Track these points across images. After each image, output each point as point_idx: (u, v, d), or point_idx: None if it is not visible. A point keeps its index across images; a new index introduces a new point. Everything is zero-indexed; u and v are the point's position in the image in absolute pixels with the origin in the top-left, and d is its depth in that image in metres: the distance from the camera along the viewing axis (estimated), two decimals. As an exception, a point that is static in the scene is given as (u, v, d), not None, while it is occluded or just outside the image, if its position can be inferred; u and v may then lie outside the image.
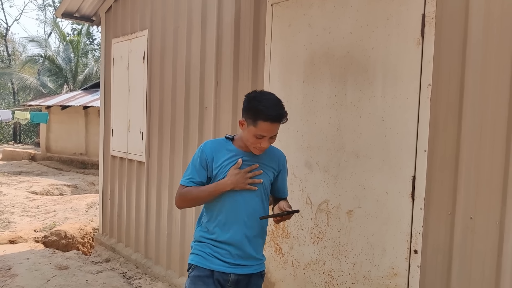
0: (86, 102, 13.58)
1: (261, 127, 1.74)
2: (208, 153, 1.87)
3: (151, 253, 4.13)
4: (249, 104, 1.79)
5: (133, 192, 4.45)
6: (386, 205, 2.18)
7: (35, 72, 26.36)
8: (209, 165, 1.86)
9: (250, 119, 1.77)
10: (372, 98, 2.26)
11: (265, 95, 1.82)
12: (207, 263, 1.85)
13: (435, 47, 2.02)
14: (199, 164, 1.87)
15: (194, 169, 1.88)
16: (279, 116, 1.75)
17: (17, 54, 32.87)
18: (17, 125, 26.86)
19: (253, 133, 1.76)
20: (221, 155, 1.86)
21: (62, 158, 15.20)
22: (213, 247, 1.86)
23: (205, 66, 3.47)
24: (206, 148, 1.89)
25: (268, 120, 1.73)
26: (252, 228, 1.87)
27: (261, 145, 1.79)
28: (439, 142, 2.01)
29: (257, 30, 2.99)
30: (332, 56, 2.45)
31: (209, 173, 1.87)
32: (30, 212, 7.20)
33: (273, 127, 1.75)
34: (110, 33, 4.97)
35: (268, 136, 1.77)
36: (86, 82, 21.47)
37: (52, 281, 3.79)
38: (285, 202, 1.90)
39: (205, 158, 1.86)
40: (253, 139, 1.78)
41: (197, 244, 1.93)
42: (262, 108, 1.72)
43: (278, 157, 1.99)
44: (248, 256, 1.87)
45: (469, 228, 1.90)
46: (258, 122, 1.73)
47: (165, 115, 3.94)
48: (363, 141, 2.29)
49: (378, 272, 2.20)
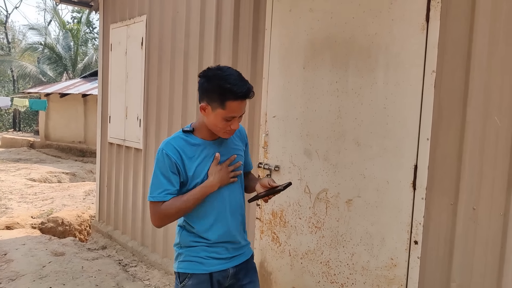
0: (85, 90, 13.50)
1: (230, 108, 1.54)
2: (175, 156, 1.61)
3: (147, 240, 4.10)
4: (211, 84, 1.56)
5: (130, 180, 4.41)
6: (387, 194, 2.13)
7: (34, 60, 26.22)
8: (180, 169, 1.61)
9: (215, 101, 1.55)
10: (374, 85, 2.19)
11: (225, 70, 1.57)
12: (205, 267, 1.69)
13: (440, 32, 1.95)
14: (169, 171, 1.60)
15: (164, 179, 1.61)
16: (248, 91, 1.55)
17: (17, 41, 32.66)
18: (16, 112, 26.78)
19: (222, 116, 1.56)
20: (191, 154, 1.64)
21: (61, 146, 15.16)
22: (208, 248, 1.70)
23: (204, 52, 3.40)
24: (170, 150, 1.62)
25: (238, 98, 1.53)
26: (239, 217, 1.78)
27: (231, 127, 1.61)
28: (443, 131, 1.95)
29: (257, 15, 2.92)
30: (333, 42, 2.38)
31: (182, 177, 1.63)
32: (27, 198, 7.17)
33: (242, 105, 1.57)
34: (108, 18, 4.88)
35: (237, 116, 1.60)
36: (86, 70, 21.36)
37: (47, 267, 3.77)
38: (269, 179, 1.71)
39: (174, 162, 1.60)
40: (222, 123, 1.59)
41: (188, 250, 1.71)
42: (229, 87, 1.52)
43: (240, 132, 1.85)
44: (241, 245, 1.80)
45: (472, 218, 1.85)
46: (227, 102, 1.53)
47: (163, 102, 3.87)
48: (364, 129, 2.23)
49: (377, 262, 2.16)
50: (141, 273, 3.78)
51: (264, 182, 1.71)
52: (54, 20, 29.44)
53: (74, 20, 25.70)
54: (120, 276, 3.64)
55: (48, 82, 21.36)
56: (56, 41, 23.79)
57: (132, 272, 3.81)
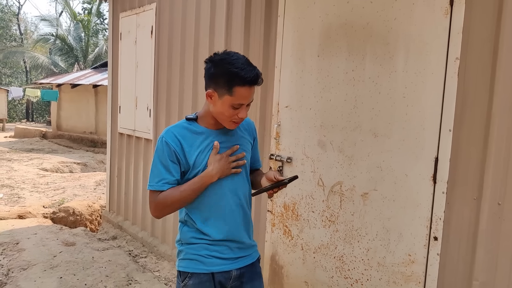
0: (96, 80, 13.54)
1: (239, 94, 1.45)
2: (175, 144, 1.53)
3: (157, 231, 4.08)
4: (218, 69, 1.47)
5: (140, 170, 4.37)
6: (405, 188, 2.03)
7: (46, 51, 26.39)
8: (180, 157, 1.53)
9: (222, 87, 1.46)
10: (393, 73, 2.09)
11: (232, 55, 1.48)
12: (206, 267, 1.59)
13: (465, 17, 1.84)
14: (168, 160, 1.52)
15: (163, 168, 1.53)
16: (257, 76, 1.46)
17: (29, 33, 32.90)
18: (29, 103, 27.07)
19: (230, 103, 1.47)
20: (192, 142, 1.55)
21: (73, 136, 15.28)
22: (210, 246, 1.59)
23: (214, 40, 3.31)
24: (170, 138, 1.53)
25: (246, 83, 1.44)
26: (244, 213, 1.66)
27: (239, 116, 1.51)
28: (466, 122, 1.85)
29: (269, 1, 2.82)
30: (350, 28, 2.28)
31: (183, 167, 1.55)
32: (39, 188, 7.22)
33: (251, 91, 1.48)
34: (117, 7, 4.81)
35: (245, 104, 1.50)
36: (96, 61, 21.43)
37: (58, 257, 3.77)
38: (275, 172, 1.63)
39: (173, 151, 1.52)
40: (229, 111, 1.49)
41: (189, 248, 1.61)
42: (237, 71, 1.42)
43: (249, 125, 1.74)
44: (247, 246, 1.68)
45: (497, 214, 1.75)
46: (234, 88, 1.44)
47: (173, 91, 3.81)
48: (382, 119, 2.13)
49: (393, 258, 2.08)
50: (151, 264, 3.76)
51: (270, 175, 1.62)
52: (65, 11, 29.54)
53: (84, 11, 25.75)
54: (130, 267, 3.62)
55: (59, 73, 21.50)
56: (67, 32, 23.92)
57: (142, 263, 3.79)
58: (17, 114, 27.71)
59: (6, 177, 8.01)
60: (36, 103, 26.66)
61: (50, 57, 23.91)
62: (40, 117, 27.82)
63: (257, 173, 1.81)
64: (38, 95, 13.89)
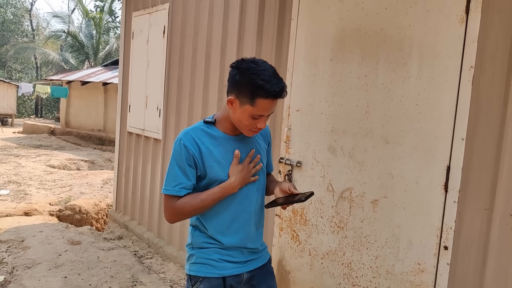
0: (106, 78, 13.62)
1: (260, 106, 1.43)
2: (193, 148, 1.51)
3: (163, 232, 4.08)
4: (243, 77, 1.44)
5: (148, 170, 4.39)
6: (416, 196, 2.02)
7: (57, 48, 26.65)
8: (198, 162, 1.51)
9: (245, 96, 1.44)
10: (406, 79, 2.08)
11: (260, 65, 1.45)
12: (218, 271, 1.58)
13: (481, 26, 1.82)
14: (185, 164, 1.50)
15: (180, 171, 1.51)
16: (281, 91, 1.44)
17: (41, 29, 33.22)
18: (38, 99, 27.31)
19: (250, 113, 1.45)
20: (210, 146, 1.53)
21: (81, 133, 15.38)
22: (222, 251, 1.59)
23: (227, 41, 3.32)
24: (188, 140, 1.51)
25: (270, 96, 1.41)
26: (258, 220, 1.67)
27: (257, 126, 1.50)
28: (479, 131, 1.83)
29: (283, 4, 2.82)
30: (364, 33, 2.27)
31: (200, 171, 1.53)
32: (46, 185, 7.27)
33: (273, 104, 1.45)
34: (130, 6, 4.84)
35: (266, 115, 1.48)
36: (107, 59, 21.58)
37: (63, 256, 3.78)
38: (290, 184, 1.58)
39: (191, 155, 1.50)
40: (249, 120, 1.47)
41: (201, 252, 1.61)
42: (262, 83, 1.40)
43: (265, 130, 1.74)
44: (257, 250, 1.69)
45: (509, 225, 1.73)
46: (257, 100, 1.42)
47: (184, 92, 3.82)
48: (394, 126, 2.12)
49: (402, 267, 2.06)
50: (157, 266, 3.76)
51: (284, 187, 1.59)
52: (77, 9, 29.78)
53: (97, 9, 25.96)
54: (136, 268, 3.62)
55: (70, 69, 21.69)
56: (79, 29, 24.11)
57: (147, 264, 3.79)
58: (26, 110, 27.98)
59: (13, 173, 8.08)
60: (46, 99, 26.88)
61: (61, 54, 24.14)
62: (49, 113, 28.06)
63: (269, 179, 1.79)
64: (48, 92, 14.02)
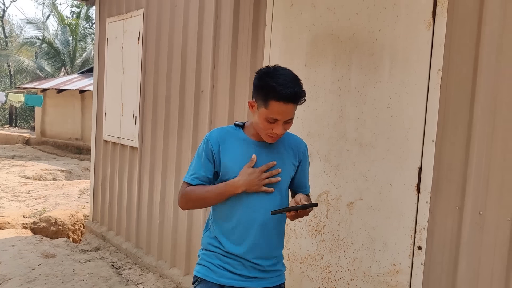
0: (82, 86, 13.37)
1: (273, 109, 1.45)
2: (213, 143, 1.58)
3: (142, 242, 4.01)
4: (260, 81, 1.50)
5: (125, 179, 4.31)
6: (390, 197, 2.05)
7: (32, 55, 26.02)
8: (215, 158, 1.57)
9: (260, 99, 1.48)
10: (378, 83, 2.11)
11: (279, 70, 1.50)
12: (215, 276, 1.58)
13: (447, 30, 1.87)
14: (204, 157, 1.58)
15: (199, 162, 1.60)
16: (294, 95, 1.44)
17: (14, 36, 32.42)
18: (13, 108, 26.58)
19: (265, 116, 1.47)
20: (230, 145, 1.58)
21: (57, 142, 15.03)
22: (223, 257, 1.58)
23: (202, 47, 3.31)
24: (212, 137, 1.60)
25: (281, 99, 1.43)
26: (271, 236, 1.59)
27: (273, 131, 1.49)
28: (448, 132, 1.87)
29: (257, 10, 2.83)
30: (336, 38, 2.30)
31: (216, 167, 1.58)
32: (20, 197, 7.05)
33: (287, 109, 1.45)
34: (105, 12, 4.78)
35: (282, 120, 1.48)
36: (84, 66, 21.20)
37: (36, 270, 3.66)
38: (302, 196, 1.56)
39: (210, 149, 1.57)
40: (264, 123, 1.49)
41: (205, 254, 1.64)
42: (275, 85, 1.43)
43: (298, 145, 1.69)
44: (265, 269, 1.59)
45: (478, 224, 1.77)
46: (270, 102, 1.44)
47: (160, 98, 3.78)
48: (367, 129, 2.15)
49: (378, 268, 2.08)
50: (135, 276, 3.69)
51: (296, 198, 1.56)
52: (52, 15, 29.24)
53: (73, 15, 25.52)
54: (113, 280, 3.54)
55: (45, 77, 21.21)
56: (55, 36, 23.64)
57: (125, 275, 3.71)
58: None
59: (-15, 185, 7.81)
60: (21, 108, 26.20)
61: (36, 61, 23.59)
62: (24, 122, 27.33)
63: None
64: (22, 100, 13.67)
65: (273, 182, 1.55)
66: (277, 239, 1.63)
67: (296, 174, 1.69)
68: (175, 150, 3.54)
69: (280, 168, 1.59)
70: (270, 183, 1.55)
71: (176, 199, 3.52)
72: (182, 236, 3.46)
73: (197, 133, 3.35)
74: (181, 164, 3.51)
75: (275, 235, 1.62)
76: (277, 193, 1.59)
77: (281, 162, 1.60)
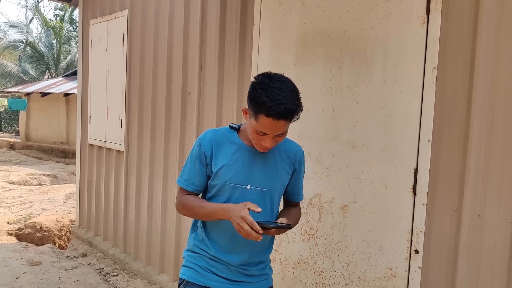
0: (67, 89, 13.14)
1: (262, 123, 1.38)
2: (206, 146, 1.52)
3: (129, 248, 3.90)
4: (253, 91, 1.41)
5: (111, 183, 4.19)
6: (385, 200, 1.98)
7: (15, 59, 25.53)
8: (208, 161, 1.52)
9: (252, 110, 1.41)
10: (371, 82, 2.05)
11: (274, 82, 1.39)
12: (201, 278, 1.55)
13: (441, 26, 1.82)
14: (197, 161, 1.53)
15: (193, 167, 1.55)
16: (285, 113, 1.35)
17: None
18: (-4, 113, 26.02)
19: (254, 127, 1.41)
20: (223, 150, 1.52)
21: (42, 146, 14.73)
22: (210, 260, 1.55)
23: (188, 48, 3.22)
24: (205, 140, 1.53)
25: (270, 116, 1.35)
26: (257, 247, 1.55)
27: (263, 144, 1.44)
28: (445, 132, 1.82)
29: (244, 9, 2.75)
30: (327, 37, 2.23)
31: (208, 171, 1.54)
32: (4, 203, 6.86)
33: (277, 125, 1.37)
34: (88, 13, 4.65)
35: (271, 135, 1.41)
36: (69, 69, 20.87)
37: (21, 278, 3.53)
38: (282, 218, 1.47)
39: (203, 152, 1.52)
40: (254, 134, 1.43)
41: (191, 256, 1.60)
42: (266, 100, 1.34)
43: (294, 153, 1.61)
44: (252, 273, 1.57)
45: (477, 226, 1.72)
46: (259, 116, 1.37)
47: (146, 101, 3.68)
48: (360, 129, 2.08)
49: (374, 273, 2.02)
50: (123, 283, 3.57)
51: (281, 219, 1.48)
52: (36, 18, 28.74)
53: (56, 18, 25.11)
54: (100, 287, 3.42)
55: (30, 81, 20.83)
56: (38, 39, 23.24)
57: (113, 282, 3.60)
58: (-17, 124, 26.58)
59: (-32, 192, 7.59)
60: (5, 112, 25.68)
61: (19, 65, 23.13)
62: (9, 126, 26.78)
63: (287, 212, 1.64)
64: (5, 105, 13.35)
65: (253, 237, 1.35)
66: (264, 246, 1.60)
67: (290, 181, 1.63)
68: (162, 153, 3.44)
69: (275, 178, 1.55)
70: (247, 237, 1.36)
71: (164, 203, 3.43)
72: (171, 241, 3.36)
73: (184, 136, 3.26)
74: (168, 167, 3.41)
75: (263, 242, 1.53)
76: (268, 203, 1.55)
77: (275, 171, 1.55)
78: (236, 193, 1.51)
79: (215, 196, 1.55)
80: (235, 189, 1.51)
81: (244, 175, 1.51)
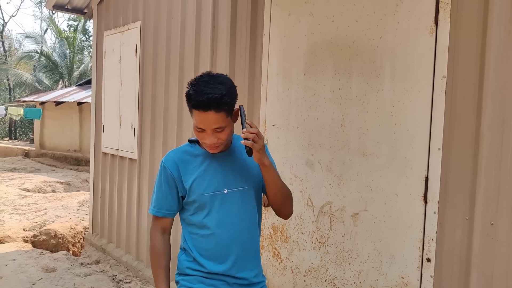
0: (80, 98, 13.36)
1: (195, 118, 1.39)
2: (171, 167, 1.50)
3: (142, 255, 3.94)
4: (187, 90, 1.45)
5: (124, 191, 4.26)
6: (396, 208, 1.99)
7: (31, 68, 26.08)
8: (177, 182, 1.50)
9: (189, 108, 1.44)
10: (380, 91, 2.07)
11: (204, 77, 1.41)
12: None
13: (450, 35, 1.83)
14: (165, 185, 1.51)
15: (160, 193, 1.53)
16: (208, 102, 1.32)
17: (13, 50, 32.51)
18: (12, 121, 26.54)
19: (193, 125, 1.43)
20: (189, 164, 1.51)
21: (56, 154, 14.97)
22: (206, 280, 1.51)
23: (200, 58, 3.27)
24: (168, 162, 1.51)
25: (195, 107, 1.36)
26: (250, 248, 1.56)
27: (206, 142, 1.43)
28: (455, 140, 1.82)
29: (254, 20, 2.80)
30: (336, 47, 2.26)
31: (180, 191, 1.51)
32: (20, 210, 6.99)
33: (208, 117, 1.35)
34: (102, 25, 4.76)
35: (208, 130, 1.39)
36: (82, 78, 21.22)
37: (37, 285, 3.60)
38: None
39: (169, 174, 1.50)
40: (195, 133, 1.44)
41: (184, 279, 1.55)
42: (192, 93, 1.36)
43: None
44: (248, 282, 1.56)
45: (490, 235, 1.71)
46: (192, 111, 1.40)
47: (158, 110, 3.74)
48: (370, 138, 2.10)
49: (386, 281, 2.02)
50: (136, 290, 3.62)
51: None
52: (50, 29, 29.35)
53: (70, 28, 25.61)
54: (114, 294, 3.47)
55: (44, 90, 21.23)
56: (52, 49, 23.70)
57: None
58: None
59: (-15, 199, 7.75)
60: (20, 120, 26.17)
61: (34, 74, 23.61)
62: (24, 135, 27.26)
63: None
64: (21, 114, 13.64)
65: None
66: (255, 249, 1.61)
67: None
68: (175, 162, 3.48)
69: (248, 174, 1.55)
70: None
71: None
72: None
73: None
74: (181, 176, 3.45)
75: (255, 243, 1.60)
76: (250, 200, 1.56)
77: (245, 167, 1.56)
78: (216, 201, 1.49)
79: (195, 213, 1.52)
80: (214, 197, 1.49)
81: (218, 181, 1.50)
